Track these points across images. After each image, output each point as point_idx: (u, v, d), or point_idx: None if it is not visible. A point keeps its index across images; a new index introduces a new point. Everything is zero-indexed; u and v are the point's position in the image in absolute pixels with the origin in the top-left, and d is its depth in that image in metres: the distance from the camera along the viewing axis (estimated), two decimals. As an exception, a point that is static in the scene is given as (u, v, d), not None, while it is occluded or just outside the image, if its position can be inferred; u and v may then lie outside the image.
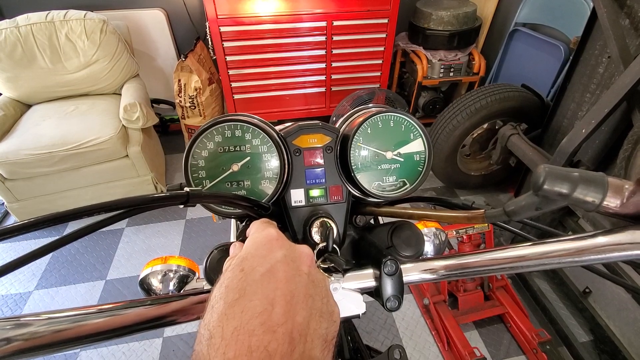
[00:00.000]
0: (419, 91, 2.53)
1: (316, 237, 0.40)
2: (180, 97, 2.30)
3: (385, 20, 2.18)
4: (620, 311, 1.43)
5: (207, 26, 2.12)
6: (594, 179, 0.27)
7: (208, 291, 0.32)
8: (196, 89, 2.26)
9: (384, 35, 2.24)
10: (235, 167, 0.41)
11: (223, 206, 0.41)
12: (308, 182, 0.43)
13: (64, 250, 1.96)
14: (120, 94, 2.15)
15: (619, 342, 1.43)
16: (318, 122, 0.44)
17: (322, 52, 2.25)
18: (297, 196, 0.43)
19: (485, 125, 1.91)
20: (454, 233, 1.52)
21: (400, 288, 0.35)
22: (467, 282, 1.58)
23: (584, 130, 1.31)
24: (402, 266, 0.36)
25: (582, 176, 0.27)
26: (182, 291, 0.65)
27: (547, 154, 1.59)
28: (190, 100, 2.29)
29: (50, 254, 1.93)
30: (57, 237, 0.26)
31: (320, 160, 0.43)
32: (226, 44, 2.12)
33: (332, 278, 0.35)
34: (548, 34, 2.04)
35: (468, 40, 2.38)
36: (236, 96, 2.37)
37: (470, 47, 2.43)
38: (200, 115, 2.37)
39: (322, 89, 2.43)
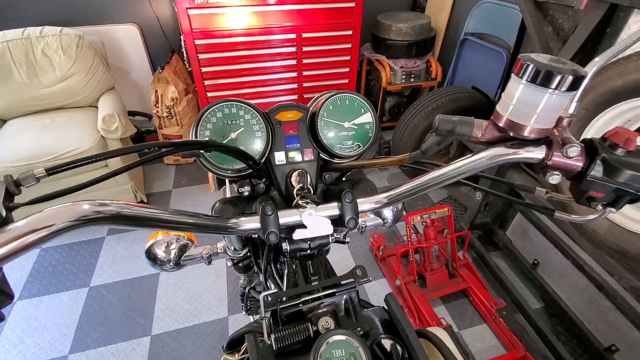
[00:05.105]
0: (385, 96, 2.75)
1: (295, 183, 0.54)
2: (158, 107, 2.38)
3: (350, 32, 2.38)
4: (564, 277, 1.64)
5: (182, 39, 2.23)
6: (466, 120, 0.43)
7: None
8: (173, 99, 2.35)
9: (349, 46, 2.44)
10: (233, 135, 0.54)
11: (224, 164, 0.53)
12: (287, 146, 0.57)
13: (44, 261, 1.97)
14: (96, 107, 2.21)
15: (566, 305, 1.63)
16: (293, 102, 0.58)
17: (293, 62, 2.41)
18: (279, 157, 0.56)
19: (442, 123, 2.12)
20: (419, 218, 1.70)
21: (356, 212, 0.49)
22: (433, 263, 1.75)
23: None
24: (357, 200, 0.51)
25: (460, 119, 0.43)
26: (183, 256, 0.76)
27: (495, 145, 1.81)
28: (167, 110, 2.38)
29: (31, 266, 1.94)
30: (105, 173, 0.38)
31: (296, 130, 0.58)
32: (201, 56, 2.24)
33: (308, 207, 0.48)
34: (492, 41, 2.31)
35: (425, 49, 2.63)
36: (212, 105, 2.48)
37: (427, 55, 2.67)
38: (178, 125, 2.46)
39: (295, 97, 2.58)
